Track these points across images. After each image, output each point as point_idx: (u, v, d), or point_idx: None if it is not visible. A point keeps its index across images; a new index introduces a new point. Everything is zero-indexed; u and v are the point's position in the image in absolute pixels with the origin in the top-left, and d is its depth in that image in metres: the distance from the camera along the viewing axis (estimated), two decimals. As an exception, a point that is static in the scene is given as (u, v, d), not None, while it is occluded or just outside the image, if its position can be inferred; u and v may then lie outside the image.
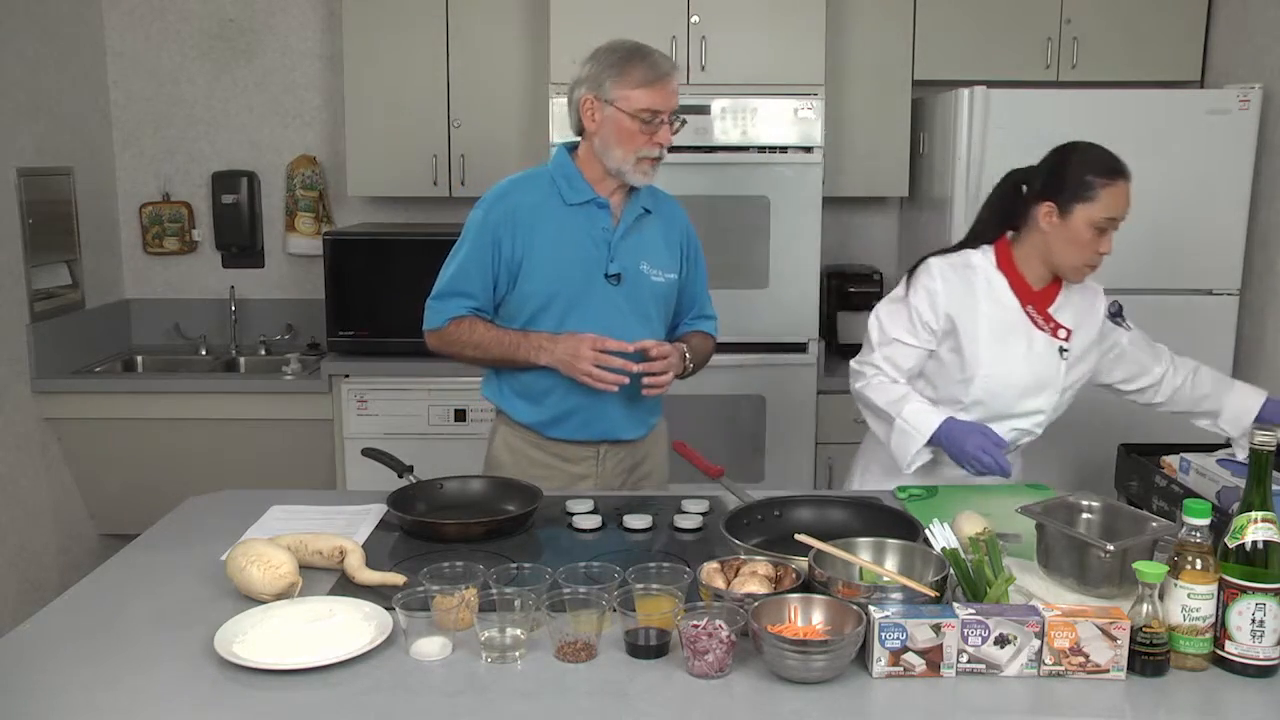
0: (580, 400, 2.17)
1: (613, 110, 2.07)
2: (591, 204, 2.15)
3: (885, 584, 1.47)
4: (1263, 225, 3.33)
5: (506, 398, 2.25)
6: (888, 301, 2.23)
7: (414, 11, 3.58)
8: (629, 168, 2.09)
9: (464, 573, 1.55)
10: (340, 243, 3.54)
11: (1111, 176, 2.05)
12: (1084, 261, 2.11)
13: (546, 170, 2.19)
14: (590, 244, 2.14)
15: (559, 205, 2.14)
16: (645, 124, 2.06)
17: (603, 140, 2.10)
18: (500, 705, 1.32)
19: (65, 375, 3.54)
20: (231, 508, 2.01)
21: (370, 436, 3.30)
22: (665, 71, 2.07)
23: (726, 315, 3.40)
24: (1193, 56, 3.62)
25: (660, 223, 2.24)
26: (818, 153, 3.34)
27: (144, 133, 3.98)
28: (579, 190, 2.14)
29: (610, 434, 2.23)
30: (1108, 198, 2.05)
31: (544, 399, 2.19)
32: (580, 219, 2.14)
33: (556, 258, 2.12)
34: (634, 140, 2.07)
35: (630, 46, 2.11)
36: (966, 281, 2.16)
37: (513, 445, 2.26)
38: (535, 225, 2.12)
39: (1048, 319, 2.16)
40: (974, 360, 2.14)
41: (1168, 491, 2.41)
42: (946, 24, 3.60)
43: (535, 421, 2.22)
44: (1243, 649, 1.40)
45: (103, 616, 1.56)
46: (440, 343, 2.20)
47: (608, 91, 2.07)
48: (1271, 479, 1.44)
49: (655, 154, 2.10)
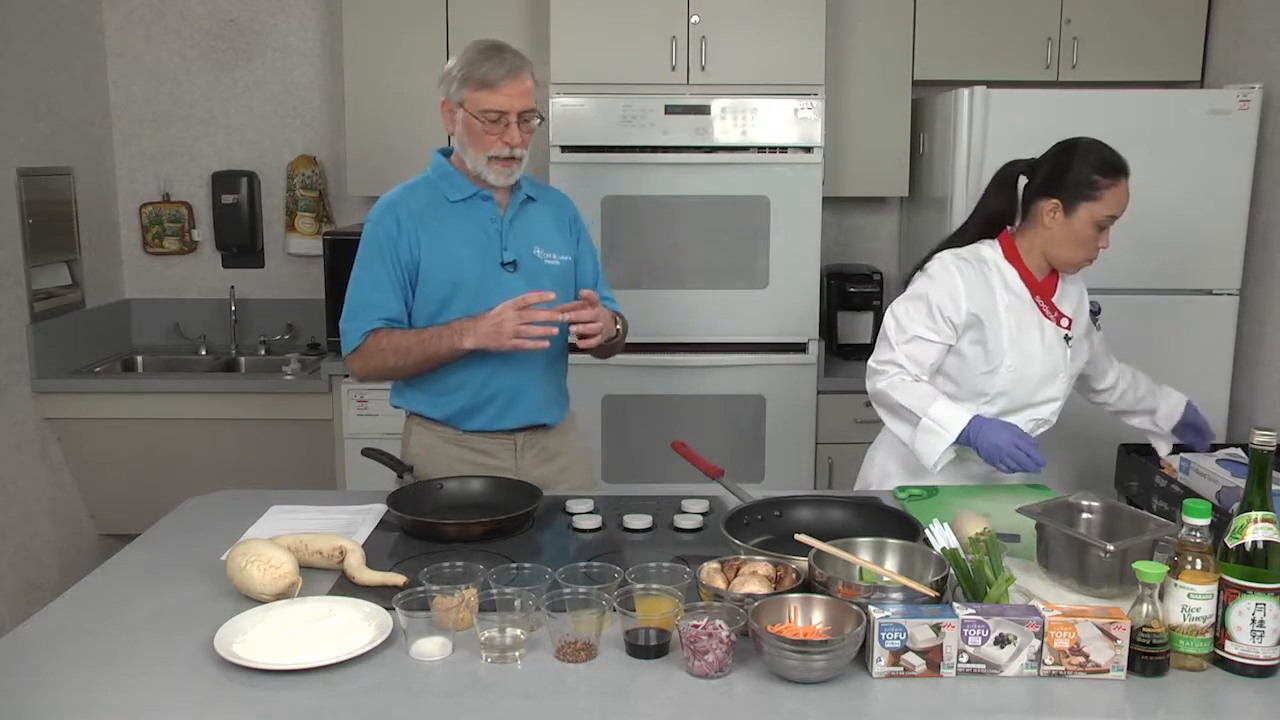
0: (498, 387, 2.18)
1: (462, 113, 2.11)
2: (475, 197, 2.17)
3: (885, 584, 1.47)
4: (1263, 225, 3.32)
5: (416, 398, 2.24)
6: (904, 299, 2.20)
7: (414, 11, 3.58)
8: (483, 167, 2.12)
9: (464, 573, 1.56)
10: (340, 243, 3.54)
11: (1115, 175, 2.09)
12: (1085, 257, 2.14)
13: (424, 176, 2.22)
14: (482, 235, 2.16)
15: (444, 204, 2.16)
16: (493, 123, 2.08)
17: (459, 141, 2.15)
18: (500, 705, 1.32)
19: (65, 375, 3.54)
20: (231, 508, 2.01)
21: (370, 436, 3.29)
22: (509, 70, 2.07)
23: (726, 315, 3.43)
24: (1193, 56, 3.62)
25: (547, 208, 2.28)
26: (818, 153, 3.34)
27: (144, 133, 3.98)
28: (459, 187, 2.17)
29: (528, 419, 2.23)
30: (1111, 197, 2.08)
31: (458, 391, 2.18)
32: (467, 213, 2.17)
33: (451, 252, 2.14)
34: (483, 141, 2.09)
35: (483, 47, 2.11)
36: (982, 274, 2.17)
37: (427, 444, 2.24)
38: (425, 226, 2.14)
39: (1052, 308, 2.19)
40: (998, 351, 2.15)
41: (1168, 491, 2.41)
42: (946, 24, 3.60)
43: (449, 415, 2.21)
44: (1243, 649, 1.40)
45: (103, 616, 1.56)
46: (362, 361, 2.16)
47: (456, 94, 2.11)
48: (1271, 479, 1.44)
49: (505, 153, 2.10)
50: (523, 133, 2.10)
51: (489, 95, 2.07)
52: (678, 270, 3.39)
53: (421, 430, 2.25)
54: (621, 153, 3.31)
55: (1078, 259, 2.14)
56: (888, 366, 2.17)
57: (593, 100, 3.30)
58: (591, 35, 3.33)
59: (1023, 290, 2.17)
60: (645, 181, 3.34)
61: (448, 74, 2.13)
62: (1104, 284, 3.26)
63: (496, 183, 2.15)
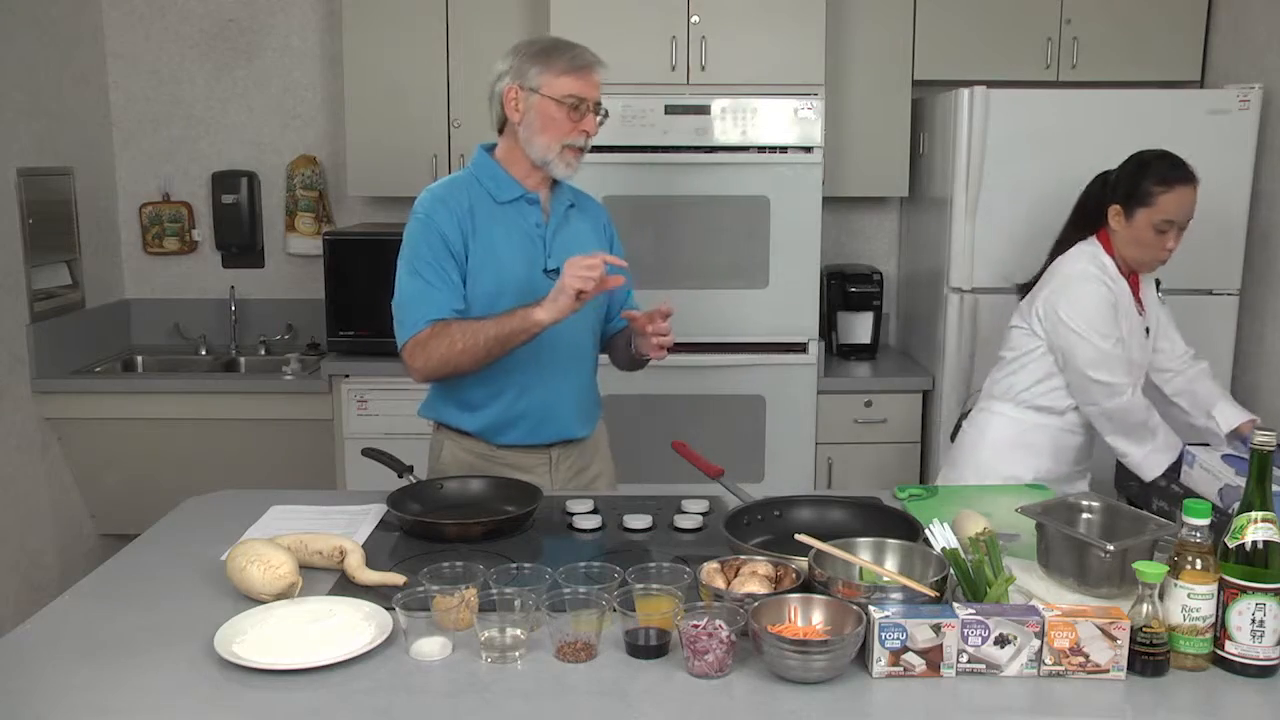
0: (531, 403, 2.14)
1: (538, 98, 2.05)
2: (522, 200, 2.12)
3: (885, 584, 1.47)
4: (1263, 225, 3.32)
5: (449, 410, 2.18)
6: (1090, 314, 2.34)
7: (414, 11, 3.58)
8: (553, 157, 2.07)
9: (464, 573, 1.55)
10: (340, 243, 3.54)
11: (1169, 184, 2.31)
12: (1152, 258, 2.38)
13: (467, 175, 2.16)
14: (527, 241, 2.12)
15: (491, 205, 2.11)
16: (572, 110, 2.05)
17: (527, 129, 2.08)
18: (500, 705, 1.32)
19: (65, 375, 3.54)
20: (231, 508, 2.01)
21: (370, 436, 3.29)
22: (590, 61, 2.07)
23: (726, 315, 3.43)
24: (1193, 56, 3.62)
25: (586, 216, 2.24)
26: (818, 153, 3.34)
27: (144, 133, 3.98)
28: (507, 187, 2.12)
29: (562, 434, 2.20)
30: (1165, 203, 2.31)
31: (490, 403, 2.14)
32: (513, 216, 2.12)
33: (499, 257, 2.09)
34: (559, 128, 2.05)
35: (552, 39, 2.12)
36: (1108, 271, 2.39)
37: (460, 460, 2.19)
38: (476, 227, 2.09)
39: (1139, 303, 2.44)
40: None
41: (1168, 491, 2.41)
42: (946, 24, 3.60)
43: (482, 428, 2.16)
44: (1243, 649, 1.40)
45: (103, 616, 1.56)
46: (424, 352, 2.03)
47: (532, 80, 2.05)
48: (1272, 479, 1.44)
49: (580, 142, 2.08)
50: (596, 125, 2.09)
51: (573, 80, 2.05)
52: (678, 270, 3.39)
53: (453, 445, 2.20)
54: (621, 153, 3.31)
55: (1145, 259, 2.38)
56: (1118, 379, 2.34)
57: (593, 100, 3.30)
58: (591, 35, 3.29)
59: (1128, 291, 2.41)
60: (645, 181, 3.34)
61: (518, 62, 2.07)
62: (1104, 284, 3.28)
63: (562, 174, 2.11)
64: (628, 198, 3.34)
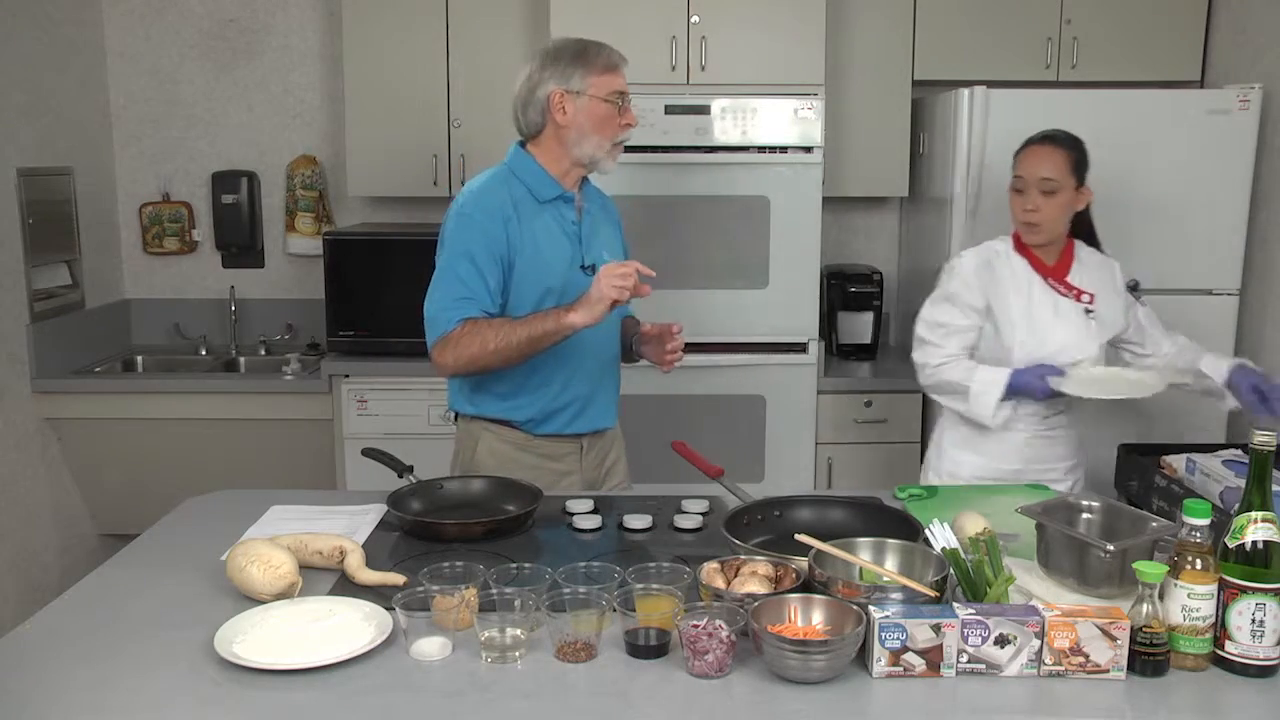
0: (575, 393, 2.20)
1: (586, 99, 2.11)
2: (560, 199, 2.17)
3: (885, 584, 1.47)
4: (1263, 225, 3.32)
5: (489, 402, 2.20)
6: (930, 302, 2.48)
7: (414, 11, 3.58)
8: (603, 154, 2.15)
9: (464, 573, 1.56)
10: (340, 243, 3.54)
11: (1025, 145, 2.40)
12: (1019, 221, 2.40)
13: (505, 172, 2.18)
14: (565, 239, 2.17)
15: (532, 203, 2.15)
16: (619, 106, 2.13)
17: (578, 130, 2.12)
18: (500, 705, 1.32)
19: (65, 375, 3.54)
20: (231, 508, 2.01)
21: (370, 436, 3.30)
22: (620, 57, 2.17)
23: (726, 315, 3.43)
24: (1193, 56, 3.62)
25: (606, 212, 2.32)
26: (818, 153, 3.34)
27: (144, 133, 3.98)
28: (548, 186, 2.16)
29: (595, 424, 2.26)
30: (1019, 162, 2.39)
31: (535, 395, 2.18)
32: (552, 215, 2.17)
33: (541, 254, 2.13)
34: (610, 125, 2.13)
35: (580, 41, 2.16)
36: (991, 265, 2.43)
37: (498, 451, 2.22)
38: (520, 223, 2.12)
39: (1068, 287, 2.42)
40: (1009, 331, 2.39)
41: (1168, 491, 2.41)
42: (946, 24, 3.60)
43: (526, 419, 2.20)
44: (1243, 649, 1.40)
45: (103, 616, 1.56)
46: (454, 349, 2.06)
47: (577, 82, 2.11)
48: (1272, 479, 1.44)
49: (626, 137, 2.17)
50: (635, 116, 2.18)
51: (615, 78, 2.13)
52: (678, 270, 3.39)
53: (491, 437, 2.22)
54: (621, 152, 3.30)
55: (1017, 223, 2.41)
56: (930, 356, 2.45)
57: (593, 100, 3.30)
58: (591, 35, 3.28)
59: (1031, 275, 2.41)
60: (645, 181, 3.33)
61: (557, 68, 2.11)
62: (1104, 284, 3.27)
63: (609, 170, 2.19)
64: (628, 198, 3.33)
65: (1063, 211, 2.36)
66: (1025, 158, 2.38)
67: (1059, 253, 2.44)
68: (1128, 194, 3.21)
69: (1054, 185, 2.32)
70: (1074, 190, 2.35)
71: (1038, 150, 2.36)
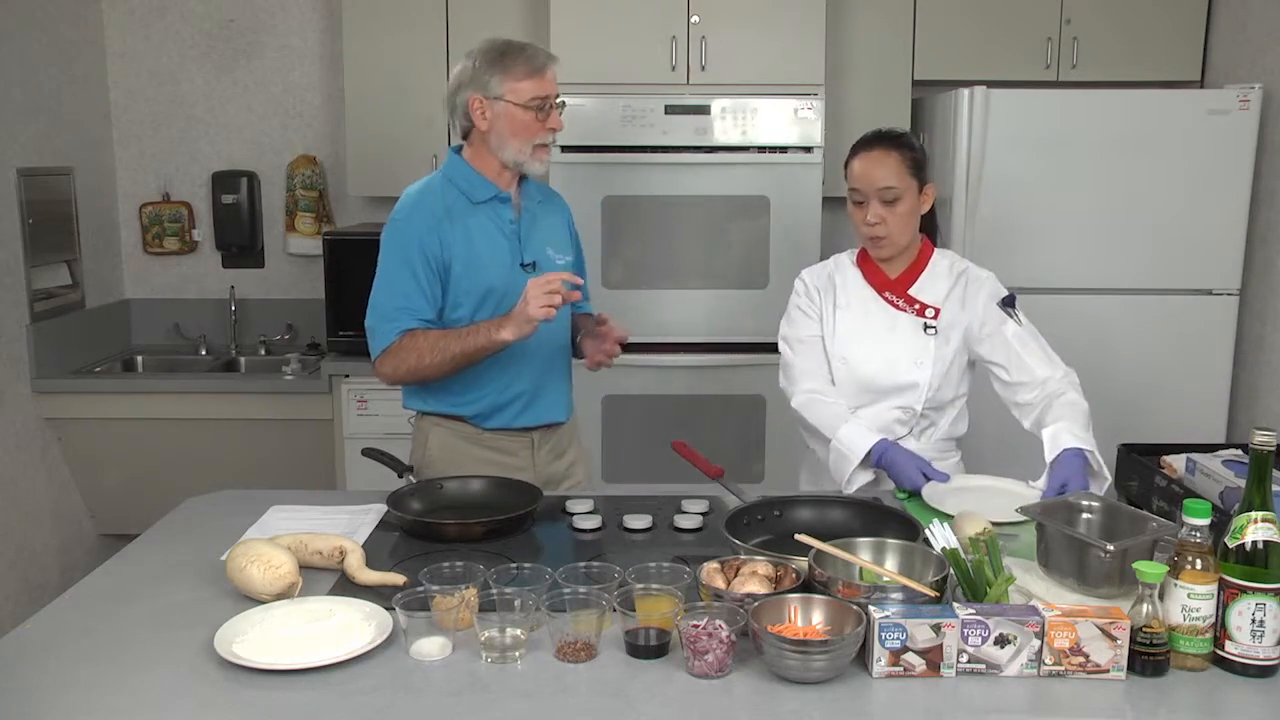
0: (521, 386, 2.21)
1: (503, 105, 2.11)
2: (495, 199, 2.19)
3: (885, 584, 1.47)
4: (1263, 225, 3.33)
5: (439, 398, 2.23)
6: (784, 321, 2.35)
7: (414, 11, 3.58)
8: (526, 157, 2.15)
9: (464, 573, 1.55)
10: (340, 243, 3.54)
11: (854, 153, 2.19)
12: (862, 235, 2.20)
13: (440, 177, 2.22)
14: (502, 238, 2.18)
15: (466, 206, 2.17)
16: (539, 110, 2.12)
17: (498, 136, 2.14)
18: (500, 705, 1.32)
19: (65, 375, 3.54)
20: (231, 508, 2.01)
21: (370, 436, 3.29)
22: (545, 60, 2.14)
23: (727, 315, 3.43)
24: (1193, 56, 3.62)
25: (551, 210, 2.32)
26: (818, 153, 3.34)
27: (144, 133, 3.98)
28: (482, 188, 2.18)
29: (546, 417, 2.27)
30: (851, 172, 2.18)
31: (484, 388, 2.20)
32: (488, 215, 2.18)
33: (478, 255, 2.15)
34: (529, 130, 2.12)
35: (504, 43, 2.16)
36: (825, 279, 2.29)
37: (449, 445, 2.24)
38: (453, 228, 2.14)
39: (910, 300, 2.22)
40: (834, 345, 2.25)
41: (1168, 491, 2.41)
42: (946, 24, 3.60)
43: (475, 413, 2.22)
44: (1243, 649, 1.40)
45: (103, 616, 1.56)
46: (394, 362, 2.13)
47: (494, 88, 2.11)
48: (1272, 479, 1.44)
49: (549, 139, 2.16)
50: (560, 119, 2.17)
51: (534, 83, 2.11)
52: (678, 270, 3.39)
53: (440, 431, 2.25)
54: (621, 153, 3.31)
55: (862, 238, 2.21)
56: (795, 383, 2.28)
57: (593, 100, 3.31)
58: (592, 35, 3.33)
59: (865, 289, 2.24)
60: (645, 181, 3.34)
61: (475, 73, 2.12)
62: (1105, 284, 3.28)
63: (537, 171, 2.19)
64: (628, 198, 3.35)
65: (909, 219, 2.15)
66: (859, 166, 2.15)
67: (908, 262, 2.22)
68: (1128, 194, 3.21)
69: (895, 193, 2.11)
70: (917, 193, 2.15)
71: (871, 156, 2.14)
